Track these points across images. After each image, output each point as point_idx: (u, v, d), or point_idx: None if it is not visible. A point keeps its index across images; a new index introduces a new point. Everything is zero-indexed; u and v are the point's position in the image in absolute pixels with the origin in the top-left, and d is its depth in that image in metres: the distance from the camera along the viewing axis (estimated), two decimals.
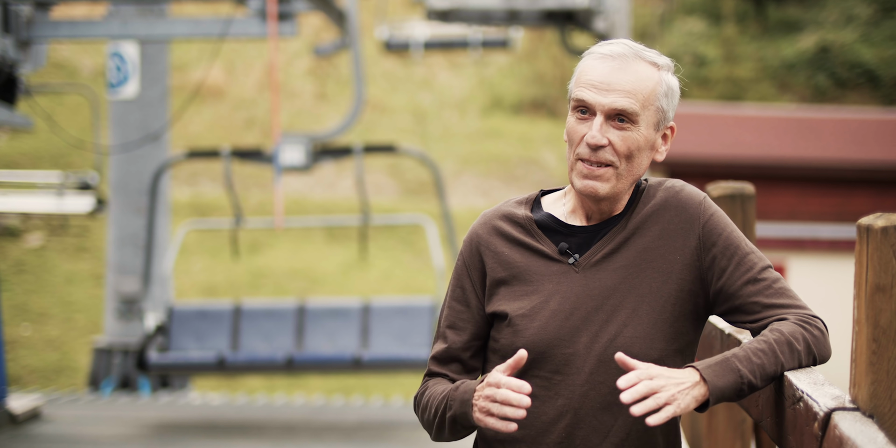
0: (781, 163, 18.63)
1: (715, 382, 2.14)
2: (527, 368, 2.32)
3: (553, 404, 2.31)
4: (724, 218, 2.37)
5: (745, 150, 18.76)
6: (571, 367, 2.30)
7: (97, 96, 16.89)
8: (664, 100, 2.34)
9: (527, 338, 2.32)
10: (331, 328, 10.72)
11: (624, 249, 2.34)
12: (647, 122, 2.32)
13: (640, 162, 2.34)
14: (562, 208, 2.41)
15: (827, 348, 2.26)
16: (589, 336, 2.30)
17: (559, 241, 2.37)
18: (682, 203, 2.36)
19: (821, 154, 18.76)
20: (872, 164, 18.56)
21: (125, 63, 13.30)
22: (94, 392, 13.48)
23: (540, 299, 2.33)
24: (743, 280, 2.31)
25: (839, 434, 1.84)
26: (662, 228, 2.35)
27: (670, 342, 2.31)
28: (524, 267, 2.36)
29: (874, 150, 18.85)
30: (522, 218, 2.41)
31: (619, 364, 2.15)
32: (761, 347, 2.19)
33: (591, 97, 2.30)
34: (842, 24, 27.65)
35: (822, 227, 18.14)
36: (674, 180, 2.44)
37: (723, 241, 2.33)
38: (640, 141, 2.31)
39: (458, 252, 2.47)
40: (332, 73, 27.01)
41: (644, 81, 2.32)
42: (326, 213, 21.72)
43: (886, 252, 1.89)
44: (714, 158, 18.52)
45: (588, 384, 2.29)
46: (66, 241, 20.65)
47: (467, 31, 15.86)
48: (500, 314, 2.37)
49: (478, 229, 2.43)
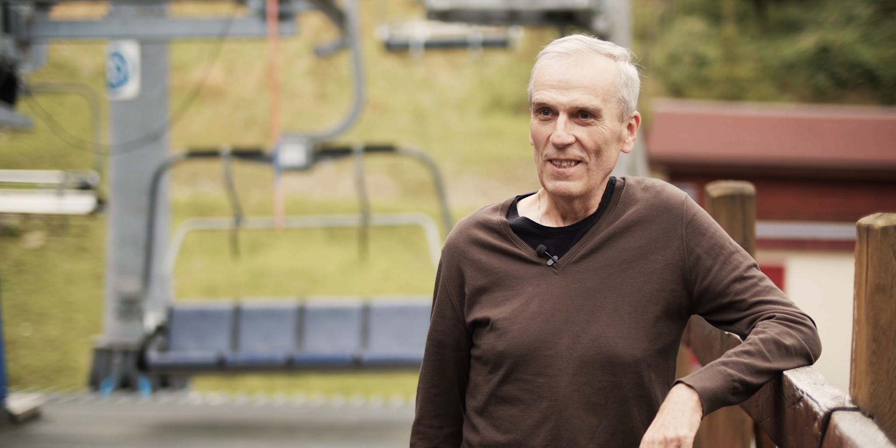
0: (781, 163, 18.64)
1: (704, 385, 2.14)
2: (509, 372, 2.31)
3: (537, 407, 2.30)
4: (707, 217, 2.36)
5: (745, 150, 18.77)
6: (554, 368, 2.28)
7: (97, 96, 16.89)
8: (625, 90, 2.32)
9: (508, 341, 2.30)
10: (331, 328, 10.73)
11: (604, 249, 2.32)
12: (611, 114, 2.30)
13: (609, 155, 2.32)
14: (536, 211, 2.39)
15: (817, 344, 2.25)
16: (570, 337, 2.28)
17: (536, 244, 2.35)
18: (663, 203, 2.35)
19: (821, 154, 18.77)
20: (872, 164, 18.57)
21: (125, 63, 13.31)
22: (94, 392, 13.48)
23: (520, 302, 2.32)
24: (730, 279, 2.29)
25: (839, 434, 1.84)
26: (644, 229, 2.33)
27: (653, 342, 2.30)
28: (503, 272, 2.35)
29: (874, 150, 18.85)
30: (497, 224, 2.38)
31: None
32: (745, 349, 2.19)
33: (550, 98, 2.28)
34: (842, 24, 27.66)
35: (822, 227, 18.14)
36: (653, 180, 2.42)
37: (706, 240, 2.32)
38: (607, 134, 2.29)
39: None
40: (332, 73, 27.02)
41: (602, 75, 2.29)
42: (326, 213, 21.73)
43: (886, 252, 1.89)
44: (714, 158, 18.52)
45: (572, 385, 2.28)
46: (66, 241, 20.66)
47: (467, 31, 15.86)
48: (481, 321, 2.35)
49: (454, 239, 2.42)
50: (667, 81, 27.22)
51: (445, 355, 2.43)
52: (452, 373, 2.43)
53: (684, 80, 27.44)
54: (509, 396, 2.32)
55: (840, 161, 18.57)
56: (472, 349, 2.40)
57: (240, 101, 26.13)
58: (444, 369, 2.44)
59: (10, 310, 17.87)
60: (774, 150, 18.87)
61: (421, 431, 2.48)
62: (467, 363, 2.42)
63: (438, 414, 2.47)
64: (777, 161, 18.63)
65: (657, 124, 19.66)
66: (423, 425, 2.48)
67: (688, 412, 2.13)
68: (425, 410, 2.47)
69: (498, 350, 2.31)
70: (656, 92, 26.25)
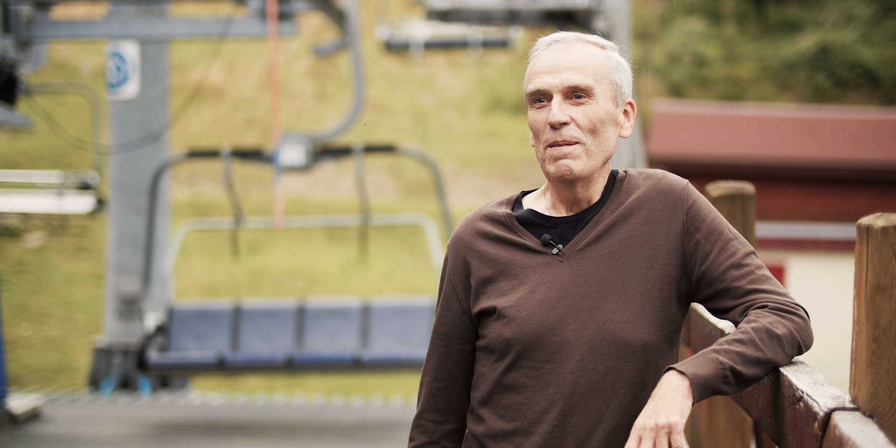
0: (781, 163, 18.63)
1: (695, 372, 2.14)
2: (516, 359, 2.31)
3: (544, 393, 2.30)
4: (707, 204, 2.38)
5: (745, 150, 18.76)
6: (561, 354, 2.29)
7: (97, 96, 16.89)
8: (616, 74, 2.35)
9: (514, 328, 2.31)
10: (331, 328, 10.72)
11: (608, 237, 2.33)
12: (604, 95, 2.32)
13: (607, 137, 2.33)
14: (542, 204, 2.42)
15: (809, 335, 2.25)
16: (577, 323, 2.29)
17: (541, 234, 2.37)
18: (665, 189, 2.37)
19: (821, 154, 18.76)
20: (872, 164, 18.56)
21: (125, 63, 13.31)
22: (94, 392, 13.48)
23: (526, 290, 2.32)
24: (726, 265, 2.30)
25: (839, 434, 1.84)
26: (646, 214, 2.34)
27: (659, 327, 2.30)
28: (509, 262, 2.36)
29: (874, 150, 18.84)
30: (503, 216, 2.41)
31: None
32: (737, 337, 2.19)
33: (543, 82, 2.32)
34: (842, 24, 27.65)
35: (822, 227, 18.13)
36: (655, 169, 2.44)
37: (706, 226, 2.33)
38: (602, 113, 2.31)
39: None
40: (332, 73, 27.02)
41: (591, 58, 2.34)
42: (326, 213, 21.72)
43: (886, 252, 1.89)
44: (714, 158, 18.51)
45: (578, 371, 2.27)
46: (66, 241, 20.65)
47: (467, 31, 15.87)
48: (487, 310, 2.36)
49: (460, 233, 2.44)
50: (667, 81, 27.22)
51: (451, 348, 2.43)
52: (457, 367, 2.43)
53: (684, 80, 27.43)
54: (515, 384, 2.32)
55: (840, 161, 18.56)
56: (477, 341, 2.40)
57: (240, 101, 26.12)
58: (449, 362, 2.43)
59: (10, 310, 17.87)
60: (774, 150, 18.87)
61: (421, 425, 2.48)
62: (472, 358, 2.42)
63: (440, 409, 2.46)
64: (777, 161, 18.63)
65: (657, 124, 19.65)
66: (424, 419, 2.47)
67: (679, 398, 2.13)
68: (427, 404, 2.47)
69: (504, 337, 2.32)
70: (656, 92, 26.25)
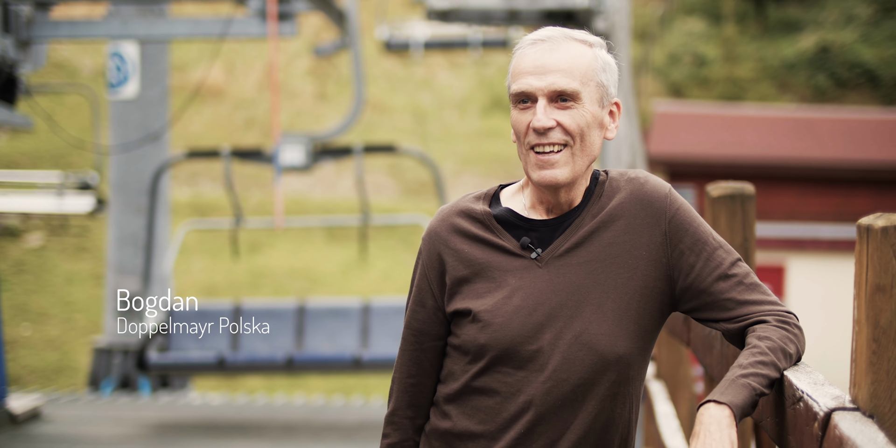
0: (781, 163, 18.63)
1: (733, 401, 2.11)
2: (490, 364, 2.28)
3: (515, 401, 2.27)
4: (691, 211, 2.33)
5: (745, 150, 18.76)
6: (535, 363, 2.25)
7: (97, 96, 16.89)
8: (603, 75, 2.28)
9: (489, 334, 2.27)
10: (331, 328, 10.73)
11: (588, 243, 2.29)
12: (591, 98, 2.26)
13: (593, 141, 2.28)
14: (520, 202, 2.35)
15: (804, 344, 2.25)
16: (553, 332, 2.25)
17: (520, 236, 2.31)
18: (647, 196, 2.31)
19: (821, 154, 18.76)
20: (872, 164, 18.56)
21: (125, 63, 13.31)
22: (94, 392, 13.48)
23: (503, 295, 2.28)
24: (714, 276, 2.27)
25: (839, 434, 1.84)
26: (628, 222, 2.29)
27: (635, 340, 2.27)
28: (486, 263, 2.31)
29: (874, 150, 18.85)
30: (481, 213, 2.34)
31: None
32: (760, 359, 2.16)
33: (527, 84, 2.25)
34: (842, 24, 27.65)
35: (822, 227, 18.13)
36: (636, 171, 2.38)
37: (690, 236, 2.29)
38: (588, 117, 2.25)
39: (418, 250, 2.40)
40: (332, 73, 27.02)
41: (578, 59, 2.26)
42: (326, 213, 21.72)
43: (886, 252, 1.89)
44: (714, 158, 18.51)
45: (551, 381, 2.25)
46: (66, 241, 20.65)
47: (467, 31, 15.88)
48: (462, 311, 2.31)
49: (436, 227, 2.37)
50: (667, 81, 27.22)
51: (425, 344, 2.39)
52: (430, 363, 2.39)
53: (684, 80, 27.43)
54: (487, 388, 2.29)
55: (840, 161, 18.56)
56: (450, 337, 2.36)
57: (240, 101, 26.12)
58: (422, 359, 2.39)
59: (10, 310, 17.87)
60: (774, 150, 18.87)
61: (395, 422, 2.45)
62: (444, 354, 2.38)
63: (413, 404, 2.43)
64: (777, 161, 18.63)
65: (657, 124, 19.65)
66: (398, 416, 2.45)
67: (725, 429, 2.10)
68: (401, 401, 2.43)
69: (479, 342, 2.28)
70: (656, 92, 26.24)
